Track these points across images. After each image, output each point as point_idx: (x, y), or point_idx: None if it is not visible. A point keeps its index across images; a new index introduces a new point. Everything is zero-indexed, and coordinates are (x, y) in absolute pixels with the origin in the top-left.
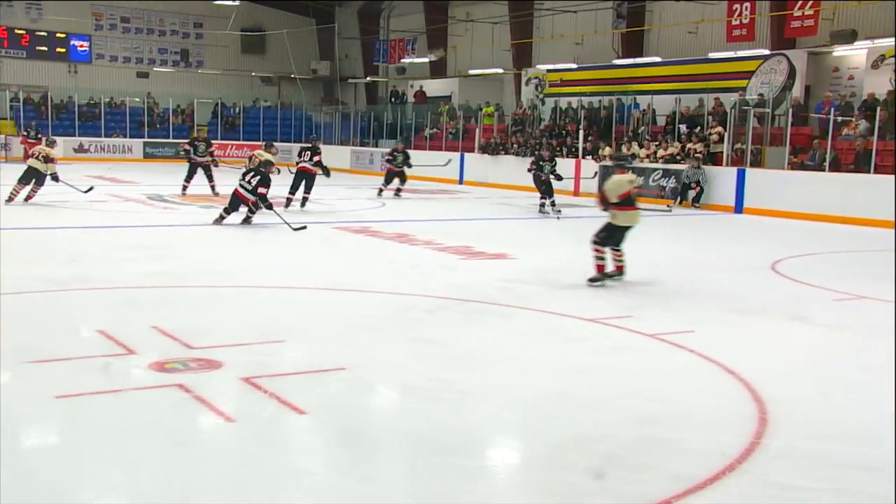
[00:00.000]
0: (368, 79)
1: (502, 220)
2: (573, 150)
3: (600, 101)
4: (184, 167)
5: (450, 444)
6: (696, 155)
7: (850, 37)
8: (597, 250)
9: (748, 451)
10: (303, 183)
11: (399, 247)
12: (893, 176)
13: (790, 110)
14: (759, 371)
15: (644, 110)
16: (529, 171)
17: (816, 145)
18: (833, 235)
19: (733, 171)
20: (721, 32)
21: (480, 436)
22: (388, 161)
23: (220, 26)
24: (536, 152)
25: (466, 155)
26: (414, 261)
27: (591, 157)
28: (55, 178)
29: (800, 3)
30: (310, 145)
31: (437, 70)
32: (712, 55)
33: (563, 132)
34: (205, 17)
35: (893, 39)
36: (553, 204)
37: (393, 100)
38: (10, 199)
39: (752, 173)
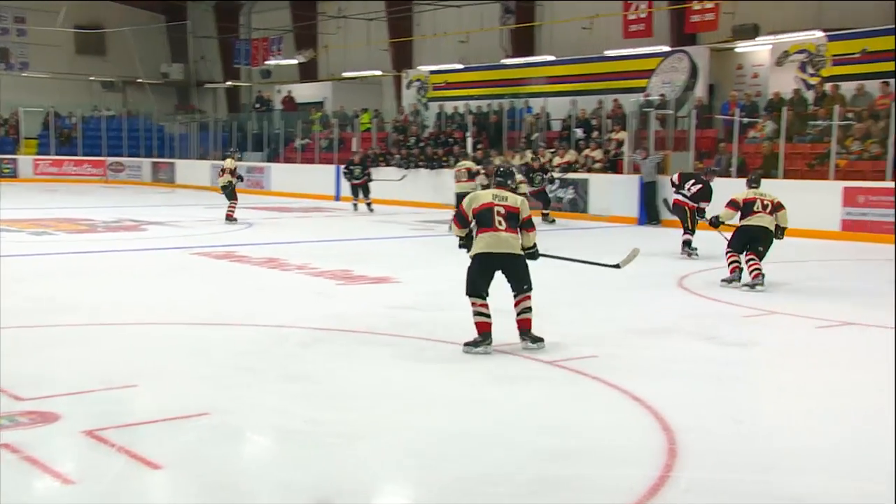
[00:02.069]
0: (229, 83)
1: (385, 239)
2: (461, 158)
3: (489, 104)
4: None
5: (329, 493)
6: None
7: (752, 32)
8: (472, 304)
9: (657, 486)
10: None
11: (269, 273)
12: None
13: (694, 111)
14: (668, 397)
15: (538, 114)
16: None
17: (722, 149)
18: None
19: (635, 178)
20: (617, 28)
21: (363, 482)
22: (346, 175)
23: (48, 21)
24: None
25: (343, 168)
26: (286, 288)
27: (479, 166)
28: None
29: None
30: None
31: (308, 73)
32: (609, 53)
33: (450, 139)
34: (27, 10)
35: (798, 34)
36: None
37: (258, 107)
38: None
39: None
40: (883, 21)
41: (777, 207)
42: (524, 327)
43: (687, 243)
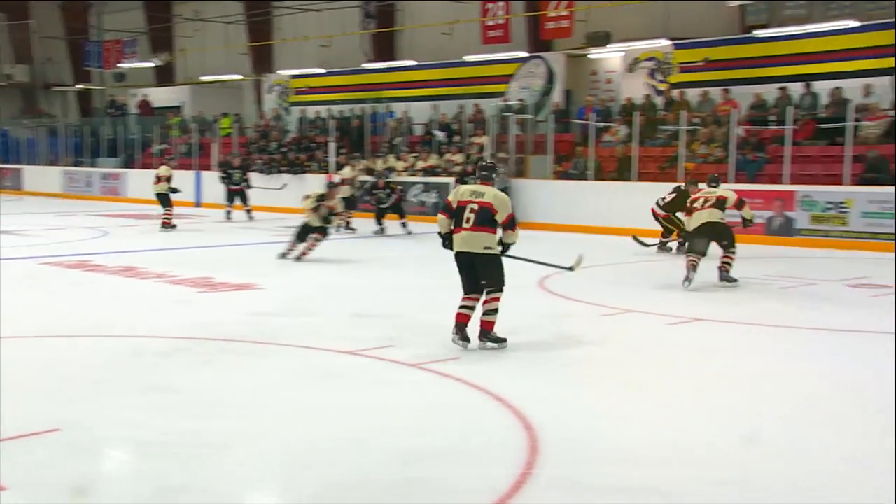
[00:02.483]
0: (79, 87)
1: (248, 245)
2: (324, 164)
3: (352, 109)
4: None
5: None
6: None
7: (604, 39)
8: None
9: (519, 483)
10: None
11: (126, 282)
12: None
13: (551, 116)
14: (529, 396)
15: (400, 119)
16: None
17: (579, 153)
18: (600, 247)
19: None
20: (476, 34)
21: (227, 494)
22: (222, 180)
23: None
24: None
25: (203, 173)
26: (144, 298)
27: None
28: None
29: (553, 3)
30: None
31: (164, 77)
32: (468, 58)
33: (312, 144)
34: None
35: (647, 42)
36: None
37: (112, 111)
38: None
39: (517, 184)
40: (724, 31)
41: (719, 203)
42: (483, 328)
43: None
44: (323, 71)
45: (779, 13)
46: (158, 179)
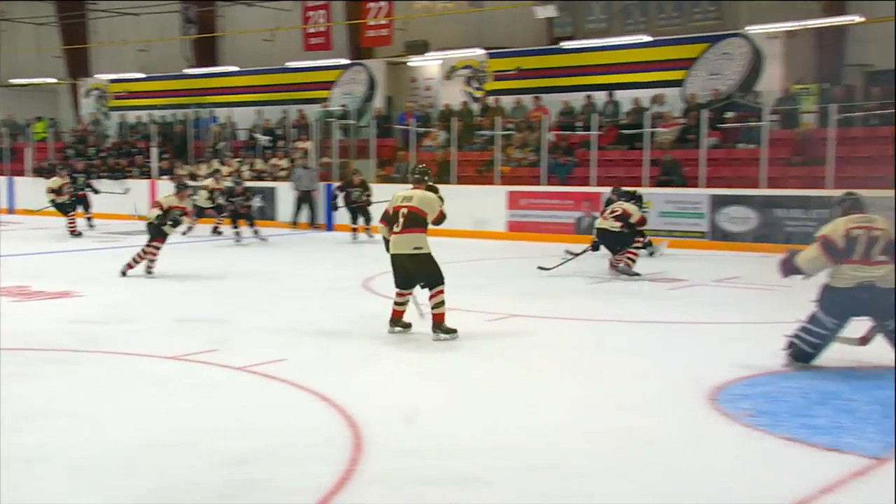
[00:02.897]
0: None
1: (66, 252)
2: (145, 169)
3: (174, 114)
4: None
5: None
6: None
7: (423, 48)
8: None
9: (343, 480)
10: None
11: None
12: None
13: (373, 121)
14: (353, 395)
15: (224, 124)
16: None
17: (401, 157)
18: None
19: (321, 185)
20: (298, 41)
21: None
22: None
23: None
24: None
25: (16, 179)
26: None
27: (167, 176)
28: None
29: (373, 12)
30: None
31: None
32: (291, 65)
33: (133, 150)
34: None
35: (463, 51)
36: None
37: None
38: None
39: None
40: (534, 42)
41: (623, 216)
42: (435, 321)
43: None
44: (143, 75)
45: (582, 26)
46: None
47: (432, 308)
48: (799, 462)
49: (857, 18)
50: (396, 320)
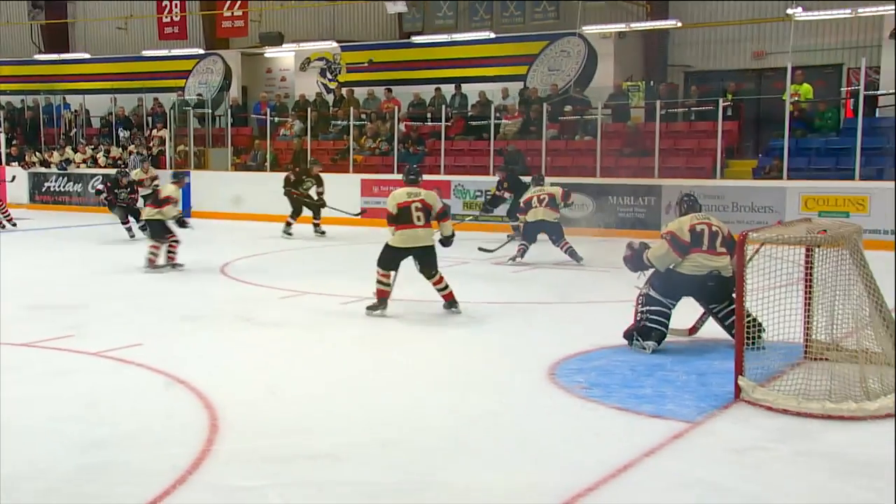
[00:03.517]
0: None
1: None
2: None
3: (23, 100)
4: None
5: None
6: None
7: (278, 39)
8: (380, 274)
9: (199, 460)
10: None
11: None
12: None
13: (229, 111)
14: (210, 377)
15: (76, 111)
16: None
17: (257, 146)
18: (277, 234)
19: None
20: (153, 30)
21: None
22: None
23: None
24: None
25: None
26: None
27: (18, 163)
28: None
29: (228, 3)
30: None
31: None
32: (146, 53)
33: None
34: None
35: (317, 44)
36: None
37: None
38: None
39: (196, 175)
40: (385, 36)
41: (552, 201)
42: (449, 299)
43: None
44: None
45: (431, 21)
46: None
47: (443, 290)
48: (628, 428)
49: (677, 23)
50: (385, 300)
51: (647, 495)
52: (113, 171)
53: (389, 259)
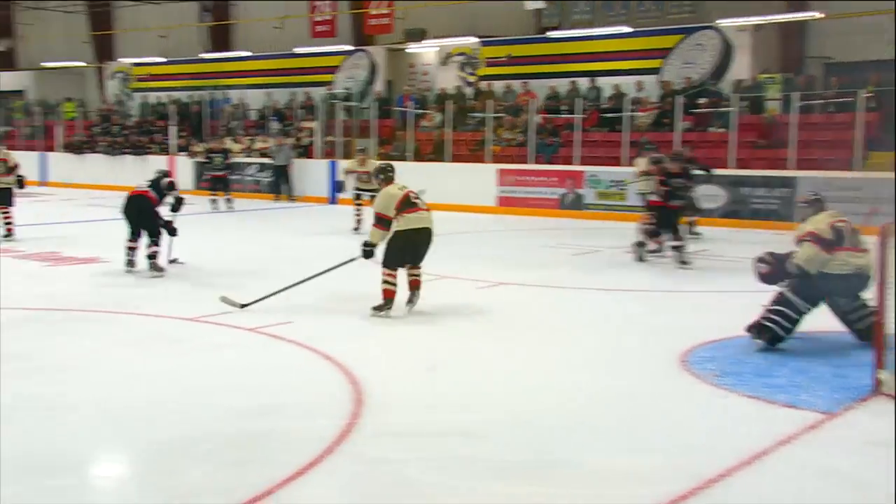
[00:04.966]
0: None
1: (93, 222)
2: (164, 146)
3: (191, 95)
4: None
5: (41, 464)
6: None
7: (420, 35)
8: (387, 274)
9: (345, 433)
10: None
11: None
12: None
13: (374, 104)
14: (355, 354)
15: (236, 105)
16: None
17: (400, 136)
18: None
19: (325, 163)
20: (305, 28)
21: (75, 452)
22: (206, 167)
23: None
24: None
25: (49, 154)
26: None
27: (184, 153)
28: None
29: (375, 2)
30: None
31: (4, 62)
32: (298, 50)
33: (153, 128)
34: None
35: (458, 39)
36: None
37: None
38: None
39: (343, 165)
40: (523, 31)
41: None
42: (416, 288)
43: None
44: (163, 59)
45: (568, 17)
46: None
47: (414, 275)
48: (761, 417)
49: (818, 14)
50: (392, 300)
51: (782, 484)
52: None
53: (397, 256)
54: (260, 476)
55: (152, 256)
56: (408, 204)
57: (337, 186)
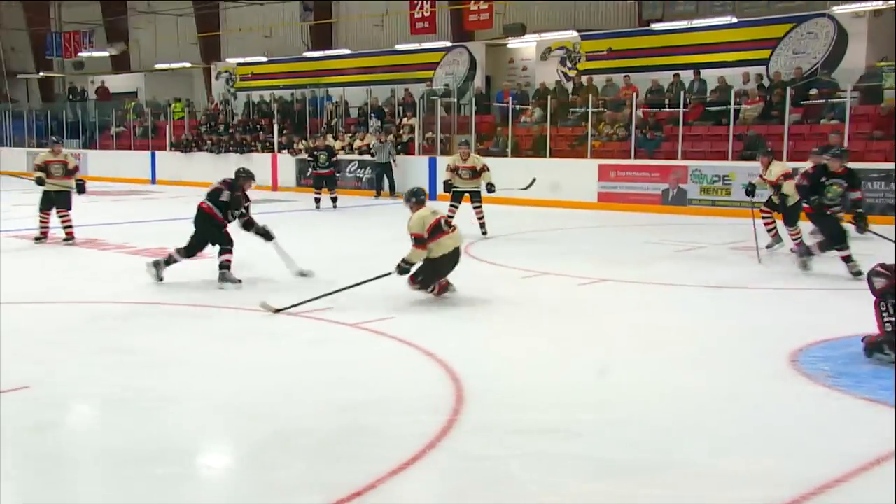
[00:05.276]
0: (41, 74)
1: None
2: (268, 144)
3: (293, 94)
4: None
5: (150, 454)
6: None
7: (520, 30)
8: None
9: (446, 429)
10: None
11: (88, 252)
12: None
13: (473, 99)
14: (456, 351)
15: (337, 102)
16: None
17: (499, 132)
18: (519, 216)
19: (425, 159)
20: (405, 25)
21: (181, 442)
22: (311, 165)
23: None
24: None
25: (158, 153)
26: (105, 266)
27: (286, 150)
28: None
29: None
30: None
31: (120, 64)
32: (398, 47)
33: (258, 126)
34: None
35: (557, 34)
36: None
37: (71, 97)
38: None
39: (443, 161)
40: (624, 24)
41: None
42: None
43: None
44: (266, 59)
45: (671, 9)
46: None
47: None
48: (878, 420)
49: None
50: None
51: None
52: None
53: (432, 276)
54: (359, 472)
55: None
56: (438, 229)
57: (445, 187)
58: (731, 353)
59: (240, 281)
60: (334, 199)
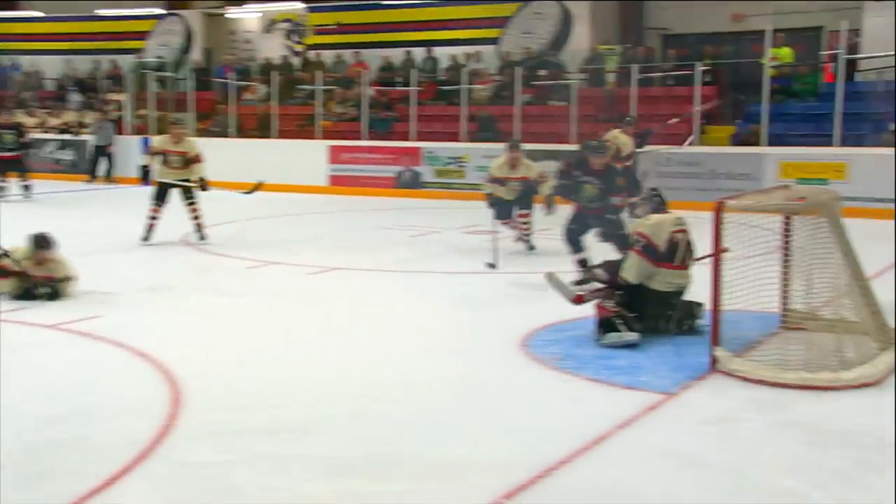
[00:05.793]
0: None
1: None
2: None
3: None
4: None
5: None
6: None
7: None
8: None
9: (161, 435)
10: None
11: None
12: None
13: (192, 74)
14: (173, 350)
15: (28, 73)
16: None
17: (220, 111)
18: (242, 203)
19: (136, 140)
20: None
21: None
22: None
23: None
24: None
25: None
26: None
27: None
28: None
29: None
30: None
31: None
32: (101, 12)
33: None
34: None
35: (282, 4)
36: None
37: None
38: None
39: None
40: None
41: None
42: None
43: None
44: None
45: None
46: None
47: None
48: (602, 400)
49: None
50: None
51: (623, 466)
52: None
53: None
54: (58, 491)
55: None
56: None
57: (143, 173)
58: (466, 339)
59: None
60: (26, 188)
